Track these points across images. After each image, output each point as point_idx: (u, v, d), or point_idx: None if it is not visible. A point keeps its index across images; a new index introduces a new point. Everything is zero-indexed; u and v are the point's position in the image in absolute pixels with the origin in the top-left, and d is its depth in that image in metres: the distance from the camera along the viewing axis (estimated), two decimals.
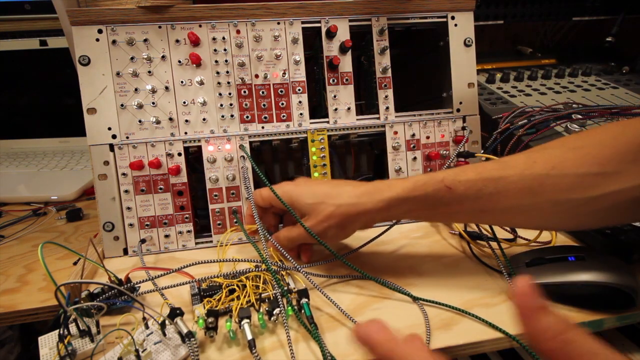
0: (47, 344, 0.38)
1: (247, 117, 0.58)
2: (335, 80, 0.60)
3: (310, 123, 0.60)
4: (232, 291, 0.43)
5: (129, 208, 0.55)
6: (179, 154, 0.56)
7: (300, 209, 0.48)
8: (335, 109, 0.60)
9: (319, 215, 0.46)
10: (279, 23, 0.58)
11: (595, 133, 0.42)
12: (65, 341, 0.36)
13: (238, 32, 0.57)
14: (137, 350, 0.35)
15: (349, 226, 0.46)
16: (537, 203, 0.40)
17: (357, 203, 0.45)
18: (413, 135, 0.62)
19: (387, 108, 0.62)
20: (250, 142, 0.58)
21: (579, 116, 0.66)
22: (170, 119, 0.56)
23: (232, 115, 0.57)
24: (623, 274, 0.41)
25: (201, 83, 0.56)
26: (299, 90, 0.59)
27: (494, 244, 0.50)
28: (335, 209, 0.45)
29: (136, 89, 0.55)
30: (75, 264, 0.53)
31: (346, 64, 0.60)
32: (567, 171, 0.39)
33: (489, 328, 0.39)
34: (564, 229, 0.54)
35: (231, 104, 0.57)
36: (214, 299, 0.42)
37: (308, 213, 0.47)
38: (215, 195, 0.57)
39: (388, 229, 0.53)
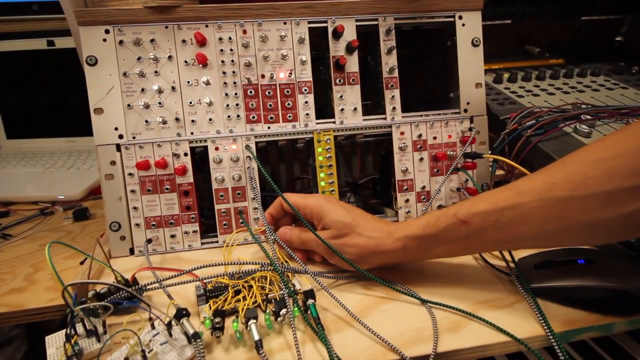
0: (54, 343, 0.38)
1: (253, 117, 0.58)
2: (342, 81, 0.60)
3: (317, 123, 0.59)
4: (237, 292, 0.43)
5: (135, 208, 0.55)
6: (185, 154, 0.56)
7: (325, 222, 0.48)
8: (342, 109, 0.60)
9: (341, 236, 0.46)
10: (285, 23, 0.58)
11: (622, 140, 0.37)
12: (72, 341, 0.36)
13: (244, 32, 0.57)
14: (143, 351, 0.35)
15: (365, 260, 0.46)
16: (565, 228, 0.37)
17: (377, 237, 0.45)
18: (420, 135, 0.61)
19: (394, 108, 0.61)
20: (256, 143, 0.58)
21: (588, 117, 0.66)
22: (177, 119, 0.56)
23: (238, 116, 0.57)
24: (633, 278, 0.40)
25: (207, 83, 0.56)
26: (305, 90, 0.59)
27: None
28: (356, 236, 0.46)
29: (143, 89, 0.55)
30: (82, 263, 0.53)
31: (352, 64, 0.60)
32: (594, 190, 0.35)
33: (496, 331, 0.39)
34: (602, 243, 0.49)
35: (237, 104, 0.57)
36: (220, 300, 0.42)
37: (330, 227, 0.47)
38: (221, 196, 0.57)
39: None
